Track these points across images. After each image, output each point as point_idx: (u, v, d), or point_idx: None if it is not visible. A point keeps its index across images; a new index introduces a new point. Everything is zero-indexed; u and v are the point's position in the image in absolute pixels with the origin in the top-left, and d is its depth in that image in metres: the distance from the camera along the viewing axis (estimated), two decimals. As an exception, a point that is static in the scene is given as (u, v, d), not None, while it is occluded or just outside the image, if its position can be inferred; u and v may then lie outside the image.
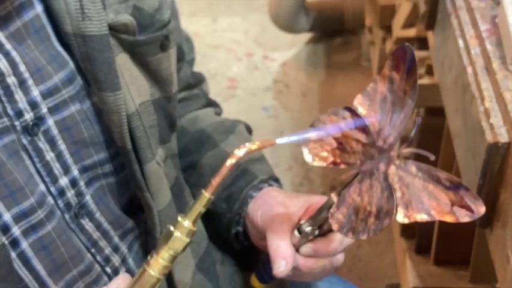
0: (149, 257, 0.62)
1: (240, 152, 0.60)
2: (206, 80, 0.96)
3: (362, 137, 0.61)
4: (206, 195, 0.61)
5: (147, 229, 0.77)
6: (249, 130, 0.94)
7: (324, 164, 0.64)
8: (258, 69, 2.50)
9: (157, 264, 0.61)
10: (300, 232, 0.71)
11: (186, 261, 0.81)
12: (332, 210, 0.62)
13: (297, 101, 2.35)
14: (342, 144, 0.63)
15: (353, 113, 0.61)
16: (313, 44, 2.61)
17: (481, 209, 0.54)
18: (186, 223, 0.61)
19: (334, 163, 0.63)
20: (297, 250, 0.71)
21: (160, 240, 0.62)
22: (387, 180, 0.58)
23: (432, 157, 0.56)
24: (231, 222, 0.84)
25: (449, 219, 0.55)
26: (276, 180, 0.86)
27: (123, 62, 0.70)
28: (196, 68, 0.94)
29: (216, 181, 0.61)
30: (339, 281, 0.95)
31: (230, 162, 0.60)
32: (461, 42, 0.85)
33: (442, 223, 1.29)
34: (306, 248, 0.71)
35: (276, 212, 0.75)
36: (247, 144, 0.61)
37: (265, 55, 2.56)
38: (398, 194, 0.57)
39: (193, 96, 0.93)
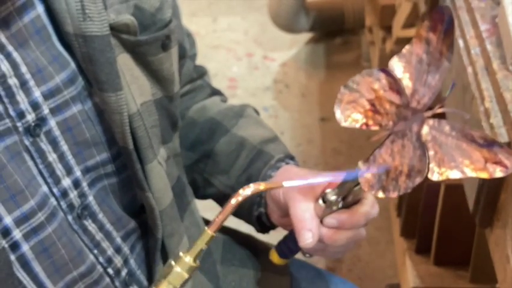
0: None
1: (245, 192, 0.61)
2: (208, 72, 0.96)
3: (395, 99, 0.61)
4: (209, 232, 0.61)
5: (149, 229, 0.77)
6: (257, 113, 0.94)
7: (356, 125, 0.63)
8: (258, 69, 2.50)
9: None
10: (324, 201, 0.70)
11: (187, 261, 0.81)
12: (361, 171, 0.62)
13: (297, 101, 2.35)
14: (375, 106, 0.63)
15: (388, 74, 0.62)
16: (313, 44, 2.61)
17: None
18: (187, 259, 0.61)
19: (366, 125, 0.63)
20: (321, 222, 0.71)
21: (160, 272, 0.62)
22: (419, 140, 0.58)
23: (467, 116, 0.56)
24: (252, 204, 0.83)
25: (483, 175, 0.56)
26: (292, 158, 0.85)
27: (124, 62, 0.70)
28: (197, 67, 0.94)
29: (219, 219, 0.61)
30: (339, 281, 0.95)
31: (235, 200, 0.61)
32: (461, 42, 0.85)
33: (442, 223, 1.29)
34: (331, 219, 0.70)
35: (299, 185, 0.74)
36: (251, 185, 0.61)
37: (265, 55, 2.56)
38: (431, 152, 0.57)
39: (198, 88, 0.93)
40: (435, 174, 0.57)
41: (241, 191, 0.60)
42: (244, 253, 0.91)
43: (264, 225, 0.85)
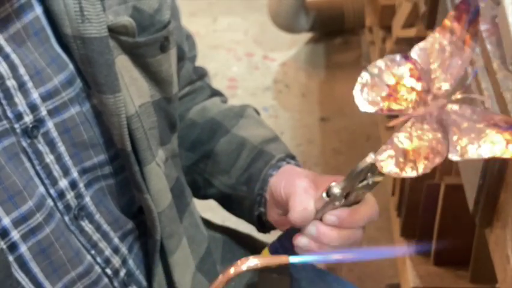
0: None
1: (247, 264, 0.60)
2: (208, 73, 0.96)
3: (416, 85, 0.61)
4: None
5: (147, 230, 0.77)
6: (257, 113, 0.94)
7: (374, 110, 0.63)
8: (258, 69, 2.50)
9: None
10: (328, 195, 0.69)
11: (186, 262, 0.81)
12: (376, 153, 0.61)
13: (297, 101, 2.35)
14: (395, 91, 0.63)
15: (410, 61, 0.62)
16: (313, 44, 2.61)
17: None
18: None
19: (387, 109, 0.63)
20: (320, 219, 0.70)
21: None
22: (440, 123, 0.59)
23: (488, 102, 0.57)
24: (253, 204, 0.83)
25: (505, 155, 0.56)
26: (293, 157, 0.85)
27: (123, 64, 0.70)
28: (196, 67, 0.94)
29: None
30: (339, 281, 0.95)
31: (233, 270, 0.61)
32: (461, 43, 0.85)
33: (442, 223, 1.29)
34: (331, 216, 0.69)
35: (301, 180, 0.73)
36: (258, 257, 0.61)
37: (265, 55, 2.56)
38: (451, 135, 0.58)
39: (197, 89, 0.93)
40: (456, 155, 0.57)
41: (239, 262, 0.60)
42: (244, 253, 0.91)
43: (265, 225, 0.85)
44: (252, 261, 0.60)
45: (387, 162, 0.61)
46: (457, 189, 1.16)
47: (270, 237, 0.90)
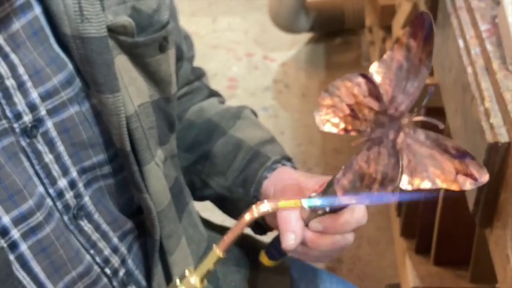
0: None
1: (260, 208, 0.60)
2: (206, 74, 0.96)
3: (374, 105, 0.61)
4: (217, 252, 0.60)
5: (146, 230, 0.77)
6: (255, 114, 0.94)
7: (335, 131, 0.63)
8: (258, 69, 2.50)
9: None
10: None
11: (185, 261, 0.81)
12: (338, 176, 0.62)
13: (297, 101, 2.35)
14: (354, 111, 0.62)
15: (368, 79, 0.61)
16: (313, 44, 2.61)
17: (484, 177, 0.55)
18: (193, 279, 0.60)
19: (345, 130, 0.63)
20: (306, 225, 0.70)
21: None
22: (394, 148, 0.58)
23: (441, 125, 0.56)
24: (248, 206, 0.83)
25: (452, 187, 0.56)
26: (289, 159, 0.85)
27: (122, 64, 0.70)
28: (196, 68, 0.94)
29: (229, 237, 0.60)
30: (339, 281, 0.95)
31: (248, 217, 0.60)
32: (461, 42, 0.85)
33: (442, 223, 1.29)
34: (316, 223, 0.70)
35: (288, 186, 0.74)
36: (266, 201, 0.60)
37: (265, 55, 2.56)
38: (405, 161, 0.57)
39: (195, 89, 0.93)
40: (407, 184, 0.57)
41: (254, 207, 0.59)
42: (244, 253, 0.91)
43: (262, 227, 0.85)
44: (265, 206, 0.60)
45: (344, 186, 0.61)
46: (457, 189, 1.15)
47: (269, 238, 0.90)
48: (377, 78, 0.61)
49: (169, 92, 0.76)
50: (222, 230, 0.95)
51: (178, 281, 0.60)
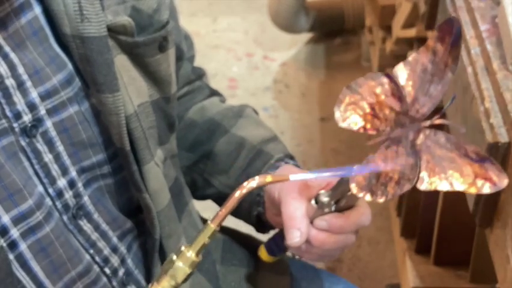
0: (149, 285, 0.61)
1: (250, 184, 0.60)
2: (206, 73, 0.96)
3: (396, 105, 0.61)
4: (212, 226, 0.61)
5: (146, 230, 0.77)
6: (256, 113, 0.94)
7: (354, 128, 0.64)
8: (258, 69, 2.50)
9: None
10: (317, 202, 0.69)
11: (186, 261, 0.81)
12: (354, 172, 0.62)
13: (297, 101, 2.35)
14: (374, 110, 0.63)
15: (392, 80, 0.62)
16: (313, 44, 2.61)
17: (503, 182, 0.55)
18: (189, 253, 0.60)
19: (364, 128, 0.63)
20: (311, 222, 0.70)
21: (162, 268, 0.61)
22: (414, 148, 0.58)
23: (463, 130, 0.57)
24: (251, 205, 0.83)
25: (471, 190, 0.56)
26: (292, 158, 0.85)
27: (122, 63, 0.70)
28: (196, 68, 0.94)
29: (222, 212, 0.61)
30: (339, 281, 0.95)
31: (239, 193, 0.60)
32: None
33: (442, 223, 1.29)
34: (321, 221, 0.69)
35: (294, 183, 0.73)
36: (257, 177, 0.61)
37: (265, 55, 2.56)
38: (423, 162, 0.58)
39: (196, 89, 0.93)
40: (425, 184, 0.57)
41: (245, 184, 0.60)
42: (244, 253, 0.91)
43: (264, 225, 0.85)
44: (253, 183, 0.60)
45: (360, 183, 0.61)
46: (456, 189, 1.15)
47: (269, 237, 0.90)
48: (401, 79, 0.62)
49: (169, 92, 0.76)
50: (222, 230, 0.95)
51: (174, 256, 0.60)
